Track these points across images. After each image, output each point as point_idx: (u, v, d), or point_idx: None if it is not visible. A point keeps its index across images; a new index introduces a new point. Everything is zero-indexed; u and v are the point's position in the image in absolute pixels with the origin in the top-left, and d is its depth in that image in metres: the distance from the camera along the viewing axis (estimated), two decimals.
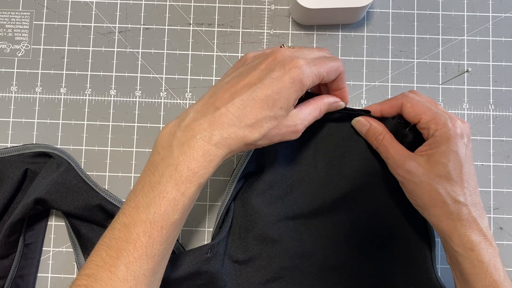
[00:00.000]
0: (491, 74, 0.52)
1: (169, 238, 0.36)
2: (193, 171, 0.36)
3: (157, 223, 0.35)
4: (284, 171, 0.47)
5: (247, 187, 0.47)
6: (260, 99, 0.37)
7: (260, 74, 0.38)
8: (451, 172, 0.39)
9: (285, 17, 0.53)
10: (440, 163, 0.40)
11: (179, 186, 0.36)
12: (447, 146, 0.40)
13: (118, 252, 0.35)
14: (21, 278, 0.48)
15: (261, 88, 0.37)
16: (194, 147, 0.36)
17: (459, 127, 0.40)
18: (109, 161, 0.51)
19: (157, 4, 0.53)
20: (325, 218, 0.47)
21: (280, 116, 0.38)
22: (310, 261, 0.46)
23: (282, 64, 0.38)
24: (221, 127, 0.37)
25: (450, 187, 0.40)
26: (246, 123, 0.37)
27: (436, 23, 0.53)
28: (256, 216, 0.46)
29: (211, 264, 0.43)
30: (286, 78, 0.37)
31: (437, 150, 0.40)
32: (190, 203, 0.37)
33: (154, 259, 0.35)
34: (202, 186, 0.37)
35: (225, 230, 0.45)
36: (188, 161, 0.36)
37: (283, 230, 0.46)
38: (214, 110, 0.37)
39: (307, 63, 0.38)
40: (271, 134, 0.38)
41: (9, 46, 0.53)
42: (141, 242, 0.35)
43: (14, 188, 0.48)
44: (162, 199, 0.35)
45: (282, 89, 0.37)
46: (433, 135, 0.41)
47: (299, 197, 0.46)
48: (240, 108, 0.37)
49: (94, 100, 0.52)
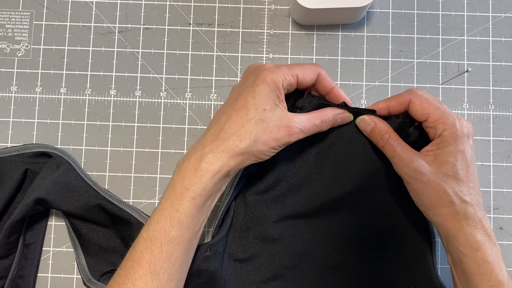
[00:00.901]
0: (491, 74, 0.52)
1: (172, 257, 0.38)
2: (185, 187, 0.38)
3: (156, 239, 0.38)
4: (285, 171, 0.47)
5: (248, 186, 0.47)
6: (241, 107, 0.40)
7: (238, 89, 0.42)
8: (459, 172, 0.39)
9: (285, 17, 0.53)
10: (448, 163, 0.40)
11: (174, 202, 0.38)
12: (455, 146, 0.40)
13: (126, 270, 0.37)
14: (21, 278, 0.48)
15: (239, 98, 0.41)
16: (187, 166, 0.39)
17: (466, 128, 0.40)
18: (109, 161, 0.51)
19: (157, 4, 0.53)
20: (326, 218, 0.47)
21: (267, 118, 0.40)
22: (311, 260, 0.46)
23: (252, 73, 0.42)
24: (211, 144, 0.40)
25: (457, 187, 0.39)
26: (233, 133, 0.39)
27: (436, 23, 0.53)
28: (257, 215, 0.46)
29: (210, 262, 0.43)
30: (258, 81, 0.40)
31: (444, 149, 0.40)
32: (188, 219, 0.38)
33: (158, 277, 0.37)
34: (200, 202, 0.39)
35: (224, 229, 0.45)
36: (181, 179, 0.39)
37: (284, 229, 0.46)
38: (206, 132, 0.41)
39: (276, 65, 0.42)
40: (264, 139, 0.39)
41: (9, 46, 0.53)
42: (144, 259, 0.37)
43: (14, 188, 0.48)
44: (160, 216, 0.38)
45: (257, 93, 0.40)
46: (440, 135, 0.40)
47: (300, 197, 0.47)
48: (226, 121, 0.40)
49: (94, 100, 0.52)
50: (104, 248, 0.48)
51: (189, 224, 0.39)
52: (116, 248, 0.48)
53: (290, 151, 0.46)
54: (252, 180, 0.47)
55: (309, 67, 0.43)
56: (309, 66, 0.43)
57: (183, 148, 0.51)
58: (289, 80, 0.41)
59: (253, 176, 0.47)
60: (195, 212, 0.39)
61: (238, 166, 0.40)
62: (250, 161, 0.40)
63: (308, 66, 0.43)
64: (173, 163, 0.51)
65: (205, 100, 0.52)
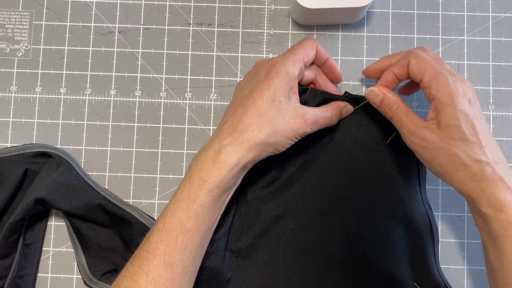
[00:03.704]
0: (491, 74, 0.52)
1: (187, 249, 0.38)
2: (203, 179, 0.38)
3: (172, 231, 0.37)
4: (285, 167, 0.47)
5: (248, 183, 0.47)
6: (257, 98, 0.40)
7: (250, 84, 0.42)
8: (465, 133, 0.38)
9: (285, 17, 0.53)
10: (452, 125, 0.38)
11: (190, 194, 0.38)
12: (453, 107, 0.38)
13: (139, 261, 0.37)
14: (21, 278, 0.48)
15: (254, 91, 0.41)
16: (205, 159, 0.39)
17: (461, 87, 0.39)
18: (109, 161, 0.51)
19: (157, 4, 0.53)
20: (328, 213, 0.47)
21: (283, 109, 0.40)
22: (313, 255, 0.46)
23: (263, 66, 0.42)
24: (229, 136, 0.39)
25: (468, 148, 0.38)
26: (251, 124, 0.39)
27: (436, 23, 0.53)
28: (259, 211, 0.46)
29: (211, 259, 0.44)
30: (272, 74, 0.41)
31: (444, 113, 0.39)
32: (204, 211, 0.38)
33: (172, 269, 0.37)
34: (217, 194, 0.39)
35: (226, 225, 0.45)
36: (199, 171, 0.39)
37: (285, 225, 0.47)
38: (221, 126, 0.41)
39: (283, 56, 0.42)
40: (282, 129, 0.40)
41: (9, 46, 0.53)
42: (159, 250, 0.37)
43: (14, 188, 0.48)
44: (176, 208, 0.38)
45: (272, 85, 0.40)
46: (434, 97, 0.40)
47: (301, 192, 0.47)
48: (243, 113, 0.40)
49: (94, 100, 0.52)
50: (104, 248, 0.48)
51: (205, 216, 0.39)
52: (117, 248, 0.48)
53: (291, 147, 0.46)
54: (252, 176, 0.47)
55: (308, 44, 0.44)
56: (308, 43, 0.44)
57: (183, 148, 0.51)
58: (300, 66, 0.42)
59: (253, 173, 0.47)
60: (211, 204, 0.39)
61: (256, 158, 0.40)
62: (267, 153, 0.41)
63: (307, 44, 0.44)
64: (173, 163, 0.51)
65: (205, 100, 0.52)
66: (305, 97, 0.45)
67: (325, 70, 0.47)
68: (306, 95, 0.45)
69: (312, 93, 0.45)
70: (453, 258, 0.50)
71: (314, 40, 0.44)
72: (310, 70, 0.46)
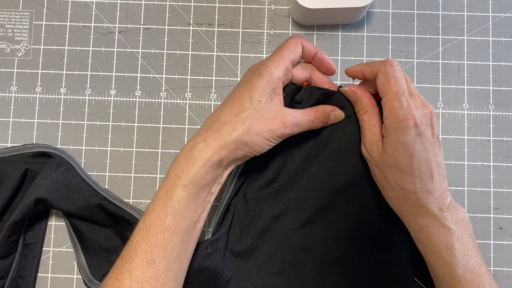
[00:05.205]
0: (491, 74, 0.52)
1: (168, 246, 0.38)
2: (178, 175, 0.39)
3: (152, 228, 0.38)
4: (284, 167, 0.47)
5: (248, 183, 0.47)
6: (236, 99, 0.41)
7: (235, 87, 0.43)
8: (400, 163, 0.39)
9: (285, 17, 0.53)
10: (389, 154, 0.40)
11: (168, 191, 0.39)
12: (395, 137, 0.39)
13: (123, 260, 0.38)
14: (21, 278, 0.48)
15: (235, 92, 0.42)
16: (180, 156, 0.40)
17: (411, 117, 0.39)
18: (109, 161, 0.51)
19: (157, 4, 0.53)
20: (326, 212, 0.47)
21: (261, 109, 0.40)
22: (312, 254, 0.46)
23: (250, 70, 0.43)
24: (204, 133, 0.40)
25: (398, 177, 0.40)
26: (227, 122, 0.40)
27: (436, 23, 0.53)
28: (258, 211, 0.46)
29: (211, 259, 0.44)
30: (254, 76, 0.41)
31: (387, 139, 0.40)
32: (182, 207, 0.38)
33: (155, 266, 0.37)
34: (193, 190, 0.39)
35: (225, 226, 0.45)
36: (174, 168, 0.39)
37: (284, 225, 0.47)
38: (202, 125, 0.42)
39: (267, 58, 0.43)
40: (258, 129, 0.40)
41: (9, 46, 0.53)
42: (140, 248, 0.37)
43: (14, 188, 0.48)
44: (155, 206, 0.39)
45: (252, 86, 0.41)
46: (383, 121, 0.41)
47: (299, 192, 0.47)
48: (220, 112, 0.41)
49: (94, 100, 0.52)
50: (104, 248, 0.48)
51: (184, 213, 0.39)
52: (116, 248, 0.48)
53: (289, 147, 0.47)
54: (251, 176, 0.47)
55: (292, 42, 0.43)
56: (291, 41, 0.44)
57: None
58: (284, 66, 0.42)
59: (253, 173, 0.47)
60: (189, 200, 0.39)
61: (230, 155, 0.40)
62: (244, 152, 0.40)
63: (291, 42, 0.43)
64: None
65: (205, 100, 0.52)
66: (301, 95, 0.45)
67: (317, 65, 0.46)
68: (301, 93, 0.45)
69: (307, 91, 0.45)
70: None
71: (299, 37, 0.44)
72: (303, 69, 0.45)
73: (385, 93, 0.40)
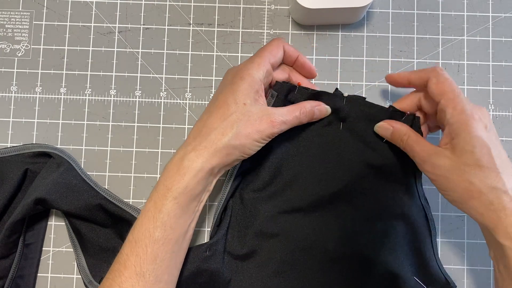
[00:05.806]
0: (491, 74, 0.52)
1: (157, 258, 0.37)
2: (167, 187, 0.38)
3: (141, 241, 0.38)
4: (280, 167, 0.47)
5: (244, 184, 0.47)
6: (221, 103, 0.40)
7: (218, 91, 0.43)
8: (480, 159, 0.37)
9: (285, 17, 0.53)
10: (466, 151, 0.37)
11: (157, 203, 0.38)
12: (468, 133, 0.37)
13: (113, 273, 0.37)
14: (21, 278, 0.48)
15: (219, 97, 0.41)
16: (169, 167, 0.39)
17: (476, 113, 0.38)
18: (109, 161, 0.51)
19: (157, 4, 0.53)
20: (325, 211, 0.47)
21: (248, 111, 0.40)
22: (311, 254, 0.46)
23: (230, 73, 0.43)
24: (193, 141, 0.40)
25: (483, 175, 0.36)
26: (215, 128, 0.39)
27: (436, 23, 0.53)
28: (255, 212, 0.46)
29: (210, 262, 0.44)
30: (236, 79, 0.41)
31: (459, 138, 0.38)
32: (171, 219, 0.38)
33: (144, 279, 0.37)
34: (184, 201, 0.38)
35: (223, 228, 0.45)
36: (164, 179, 0.39)
37: (283, 225, 0.47)
38: (189, 132, 0.41)
39: (248, 60, 0.42)
40: (246, 131, 0.39)
41: (9, 46, 0.53)
42: (129, 262, 0.37)
43: (14, 188, 0.48)
44: (144, 218, 0.38)
45: (236, 89, 0.40)
46: (448, 122, 0.39)
47: (297, 191, 0.47)
48: (207, 118, 0.40)
49: (94, 100, 0.52)
50: (104, 248, 0.48)
51: (174, 225, 0.38)
52: (116, 248, 0.48)
53: (285, 147, 0.47)
54: (247, 177, 0.47)
55: (274, 45, 0.44)
56: (273, 43, 0.44)
57: None
58: (265, 69, 0.42)
59: (249, 174, 0.47)
60: (179, 212, 0.38)
61: (222, 162, 0.40)
62: (235, 157, 0.40)
63: (273, 45, 0.43)
64: None
65: (205, 100, 0.52)
66: (294, 95, 0.45)
67: (298, 68, 0.47)
68: (295, 93, 0.45)
69: (301, 91, 0.45)
70: (453, 258, 0.50)
71: (281, 40, 0.44)
72: (281, 70, 0.46)
73: (442, 94, 0.40)
